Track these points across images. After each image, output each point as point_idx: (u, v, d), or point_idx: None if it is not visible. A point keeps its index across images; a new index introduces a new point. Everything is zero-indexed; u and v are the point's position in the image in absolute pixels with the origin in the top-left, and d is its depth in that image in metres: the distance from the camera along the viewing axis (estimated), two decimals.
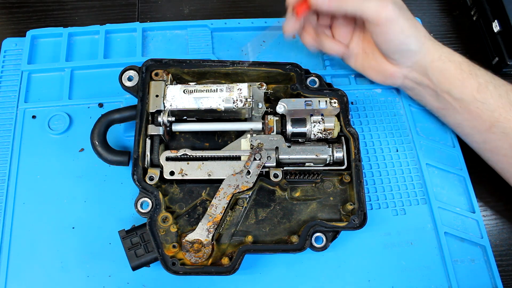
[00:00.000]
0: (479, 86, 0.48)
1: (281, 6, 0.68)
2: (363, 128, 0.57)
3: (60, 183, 0.52)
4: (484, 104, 0.48)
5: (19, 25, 0.64)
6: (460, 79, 0.49)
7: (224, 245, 0.47)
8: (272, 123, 0.49)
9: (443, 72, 0.49)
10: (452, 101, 0.50)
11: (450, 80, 0.49)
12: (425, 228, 0.52)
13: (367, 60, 0.54)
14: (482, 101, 0.48)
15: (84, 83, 0.58)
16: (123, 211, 0.51)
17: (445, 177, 0.55)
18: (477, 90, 0.48)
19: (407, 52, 0.49)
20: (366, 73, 0.56)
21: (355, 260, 0.50)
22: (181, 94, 0.48)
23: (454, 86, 0.49)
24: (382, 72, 0.53)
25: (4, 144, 0.54)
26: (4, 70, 0.58)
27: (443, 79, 0.50)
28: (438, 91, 0.51)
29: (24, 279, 0.48)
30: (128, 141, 0.55)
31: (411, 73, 0.52)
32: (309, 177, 0.49)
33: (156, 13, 0.66)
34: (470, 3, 0.69)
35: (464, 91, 0.49)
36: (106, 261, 0.49)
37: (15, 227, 0.50)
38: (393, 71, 0.52)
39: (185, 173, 0.47)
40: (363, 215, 0.47)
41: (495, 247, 0.53)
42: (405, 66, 0.51)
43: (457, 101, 0.50)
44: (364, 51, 0.54)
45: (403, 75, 0.52)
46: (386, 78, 0.54)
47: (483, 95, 0.48)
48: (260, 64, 0.52)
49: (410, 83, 0.53)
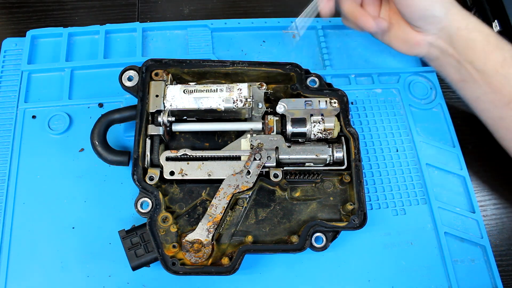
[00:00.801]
0: (504, 61, 0.48)
1: (281, 6, 0.68)
2: (363, 128, 0.57)
3: (60, 183, 0.52)
4: (506, 78, 0.48)
5: (19, 25, 0.64)
6: (486, 51, 0.48)
7: (224, 245, 0.47)
8: (272, 123, 0.49)
9: (468, 42, 0.49)
10: (474, 73, 0.49)
11: (475, 50, 0.49)
12: (425, 228, 0.52)
13: (393, 31, 0.53)
14: (504, 75, 0.48)
15: (84, 83, 0.58)
16: (123, 211, 0.51)
17: (445, 177, 0.55)
18: (501, 64, 0.48)
19: (432, 18, 0.49)
20: (393, 44, 0.55)
21: (355, 260, 0.50)
22: (181, 94, 0.48)
23: (478, 57, 0.48)
24: (408, 41, 0.53)
25: (4, 144, 0.54)
26: (4, 70, 0.58)
27: (467, 49, 0.49)
28: (461, 61, 0.50)
29: (24, 279, 0.48)
30: (128, 141, 0.55)
31: (436, 41, 0.51)
32: (309, 177, 0.49)
33: (156, 13, 0.66)
34: (470, 3, 0.69)
35: (488, 63, 0.48)
36: (106, 261, 0.49)
37: (15, 227, 0.50)
38: (419, 39, 0.52)
39: (185, 173, 0.47)
40: (363, 215, 0.47)
41: (495, 247, 0.53)
42: (430, 33, 0.51)
43: (479, 72, 0.49)
44: (391, 22, 0.53)
45: (429, 43, 0.52)
46: (412, 47, 0.53)
47: (507, 70, 0.47)
48: (260, 64, 0.52)
49: (435, 51, 0.52)
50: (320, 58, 0.62)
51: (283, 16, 0.64)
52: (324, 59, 0.61)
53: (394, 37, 0.54)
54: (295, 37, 0.62)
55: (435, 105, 0.59)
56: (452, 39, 0.49)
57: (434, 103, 0.59)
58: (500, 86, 0.48)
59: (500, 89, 0.48)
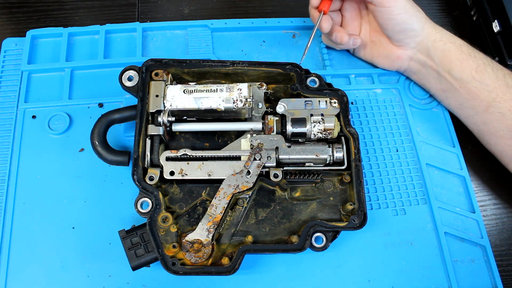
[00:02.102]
0: (478, 67, 0.51)
1: (281, 6, 0.68)
2: (363, 128, 0.57)
3: (60, 183, 0.52)
4: (482, 84, 0.51)
5: (19, 25, 0.64)
6: (460, 59, 0.52)
7: (224, 245, 0.47)
8: (272, 123, 0.49)
9: (444, 52, 0.53)
10: (453, 81, 0.53)
11: (451, 60, 0.52)
12: (425, 228, 0.52)
13: (375, 48, 0.58)
14: (480, 81, 0.51)
15: (84, 83, 0.58)
16: (123, 211, 0.51)
17: (445, 177, 0.55)
18: (475, 70, 0.51)
19: (410, 31, 0.53)
20: (375, 61, 0.59)
21: (355, 260, 0.50)
22: (181, 94, 0.48)
23: (454, 65, 0.52)
24: (389, 56, 0.57)
25: (4, 144, 0.54)
26: (4, 70, 0.58)
27: (444, 59, 0.53)
28: (440, 71, 0.54)
29: (24, 279, 0.48)
30: (128, 141, 0.55)
31: (415, 54, 0.55)
32: (309, 177, 0.49)
33: (156, 13, 0.66)
34: (470, 3, 0.69)
35: (464, 70, 0.52)
36: (106, 261, 0.49)
37: (15, 227, 0.50)
38: (399, 54, 0.56)
39: (185, 173, 0.47)
40: (363, 215, 0.47)
41: (495, 247, 0.53)
42: (410, 47, 0.55)
43: (457, 81, 0.52)
44: (372, 40, 0.58)
45: (409, 56, 0.56)
46: (393, 61, 0.57)
47: (481, 76, 0.51)
48: (260, 64, 0.52)
49: (415, 65, 0.56)
50: (320, 58, 0.62)
51: (283, 16, 0.64)
52: (324, 59, 0.61)
53: (376, 54, 0.58)
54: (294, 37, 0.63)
55: (435, 105, 0.59)
56: (430, 51, 0.54)
57: (434, 103, 0.59)
58: (477, 92, 0.52)
59: (478, 95, 0.52)
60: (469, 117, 0.54)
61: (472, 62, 0.52)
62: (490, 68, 0.52)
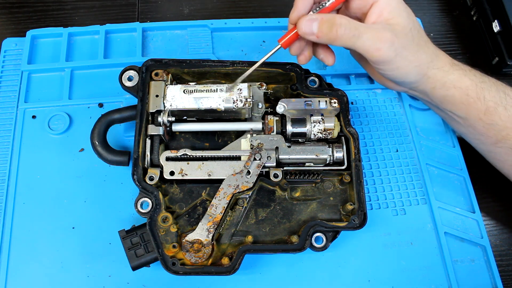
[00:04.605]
0: (487, 110, 0.46)
1: (281, 6, 0.68)
2: (363, 128, 0.57)
3: (60, 183, 0.52)
4: (490, 124, 0.47)
5: (19, 25, 0.64)
6: (466, 103, 0.47)
7: (224, 245, 0.47)
8: (272, 123, 0.49)
9: (446, 97, 0.47)
10: (456, 118, 0.49)
11: (454, 104, 0.47)
12: (425, 228, 0.52)
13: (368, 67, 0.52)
14: (488, 123, 0.47)
15: (84, 83, 0.58)
16: (123, 211, 0.51)
17: (445, 177, 0.55)
18: (484, 113, 0.46)
19: (405, 84, 0.48)
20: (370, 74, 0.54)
21: (355, 260, 0.50)
22: (181, 94, 0.48)
23: (458, 108, 0.47)
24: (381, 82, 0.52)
25: (4, 144, 0.54)
26: (4, 70, 0.58)
27: (445, 103, 0.48)
28: (441, 107, 0.49)
29: (24, 279, 0.48)
30: (128, 141, 0.55)
31: (411, 90, 0.50)
32: (309, 177, 0.49)
33: (156, 13, 0.66)
34: (470, 3, 0.69)
35: (469, 113, 0.47)
36: (106, 261, 0.49)
37: (15, 227, 0.50)
38: (392, 86, 0.51)
39: (185, 173, 0.47)
40: (363, 215, 0.47)
41: (495, 247, 0.53)
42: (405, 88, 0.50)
43: (461, 118, 0.48)
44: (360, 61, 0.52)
45: (404, 90, 0.52)
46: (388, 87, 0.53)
47: (491, 117, 0.46)
48: (260, 64, 0.52)
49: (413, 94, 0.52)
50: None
51: (283, 16, 0.64)
52: None
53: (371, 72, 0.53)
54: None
55: None
56: (428, 94, 0.48)
57: None
58: (485, 130, 0.47)
59: (485, 133, 0.47)
60: (474, 144, 0.52)
61: (481, 105, 0.46)
62: (502, 108, 0.46)
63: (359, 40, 0.42)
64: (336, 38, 0.42)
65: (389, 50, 0.43)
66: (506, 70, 0.64)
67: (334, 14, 0.43)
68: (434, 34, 0.68)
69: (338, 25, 0.42)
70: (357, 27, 0.42)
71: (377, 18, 0.43)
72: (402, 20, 0.43)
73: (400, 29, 0.43)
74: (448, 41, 0.68)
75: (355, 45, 0.43)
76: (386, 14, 0.43)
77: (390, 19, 0.43)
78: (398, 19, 0.43)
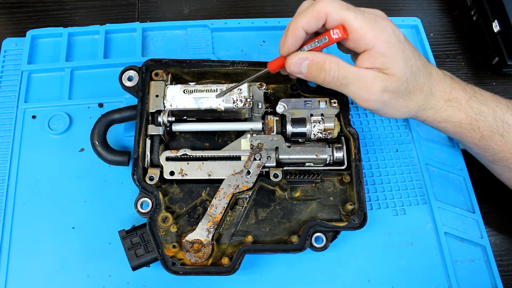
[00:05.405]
0: (482, 137, 0.46)
1: (281, 6, 0.68)
2: (363, 128, 0.57)
3: (60, 183, 0.52)
4: (486, 149, 0.47)
5: (19, 25, 0.64)
6: (459, 133, 0.47)
7: (224, 245, 0.47)
8: (272, 123, 0.49)
9: (438, 127, 0.48)
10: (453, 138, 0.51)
11: (446, 132, 0.49)
12: (425, 228, 0.52)
13: None
14: (484, 148, 0.47)
15: (84, 83, 0.58)
16: (123, 211, 0.51)
17: (445, 177, 0.55)
18: (479, 140, 0.47)
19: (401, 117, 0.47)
20: None
21: (355, 260, 0.50)
22: (181, 94, 0.48)
23: (452, 134, 0.49)
24: None
25: (4, 144, 0.54)
26: (4, 70, 0.58)
27: (439, 129, 0.49)
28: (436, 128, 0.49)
29: (24, 279, 0.48)
30: (128, 141, 0.55)
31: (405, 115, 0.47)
32: (309, 177, 0.49)
33: (156, 13, 0.66)
34: (470, 3, 0.69)
35: (463, 140, 0.49)
36: (106, 261, 0.49)
37: (15, 227, 0.50)
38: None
39: (185, 173, 0.47)
40: (363, 215, 0.47)
41: (495, 247, 0.53)
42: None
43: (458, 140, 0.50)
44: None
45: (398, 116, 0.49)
46: None
47: (486, 143, 0.47)
48: (260, 64, 0.52)
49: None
50: None
51: (283, 16, 0.64)
52: None
53: None
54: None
55: None
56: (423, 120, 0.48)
57: None
58: (481, 151, 0.48)
59: (483, 154, 0.49)
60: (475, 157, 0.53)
61: (475, 134, 0.46)
62: (498, 135, 0.46)
63: (347, 88, 0.42)
64: (323, 83, 0.42)
65: (377, 102, 0.42)
66: (506, 70, 0.64)
67: (326, 57, 0.41)
68: (434, 34, 0.68)
69: (327, 71, 0.41)
70: (346, 75, 0.41)
71: (370, 65, 0.41)
72: (397, 71, 0.41)
73: (395, 80, 0.41)
74: (448, 41, 0.68)
75: (343, 92, 0.42)
76: (379, 64, 0.41)
77: (384, 69, 0.41)
78: (393, 70, 0.41)
